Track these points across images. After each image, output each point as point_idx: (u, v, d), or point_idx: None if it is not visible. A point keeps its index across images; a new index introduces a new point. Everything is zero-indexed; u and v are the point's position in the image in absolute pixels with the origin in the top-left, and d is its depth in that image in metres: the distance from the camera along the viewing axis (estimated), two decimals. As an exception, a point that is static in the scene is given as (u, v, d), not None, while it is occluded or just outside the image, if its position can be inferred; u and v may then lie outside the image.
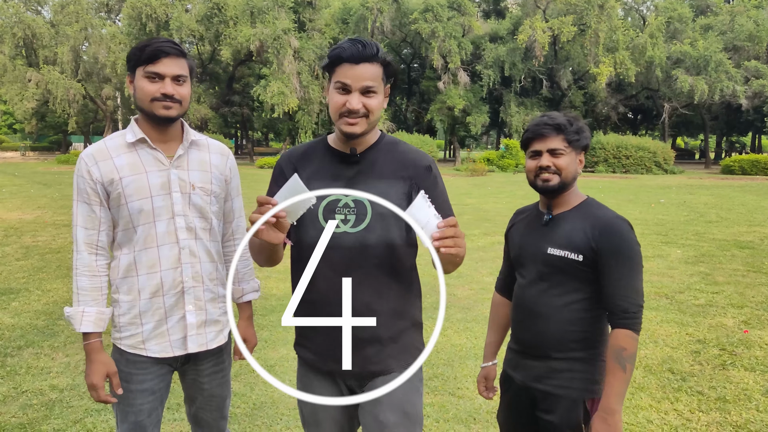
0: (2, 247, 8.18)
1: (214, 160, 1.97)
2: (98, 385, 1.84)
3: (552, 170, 1.82)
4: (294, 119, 36.88)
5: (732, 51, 36.18)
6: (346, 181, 1.71)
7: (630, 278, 1.73)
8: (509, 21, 37.90)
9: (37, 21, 36.83)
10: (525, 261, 1.93)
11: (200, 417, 2.08)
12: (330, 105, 1.67)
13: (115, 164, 1.82)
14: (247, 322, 2.15)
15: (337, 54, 1.61)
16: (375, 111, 1.65)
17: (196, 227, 1.90)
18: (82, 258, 1.84)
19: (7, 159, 40.91)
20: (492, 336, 2.17)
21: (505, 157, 32.34)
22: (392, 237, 1.70)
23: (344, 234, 1.67)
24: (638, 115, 48.75)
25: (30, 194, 15.84)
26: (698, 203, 15.30)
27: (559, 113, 1.86)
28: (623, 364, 1.68)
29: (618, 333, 1.71)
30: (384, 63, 1.65)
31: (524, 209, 2.07)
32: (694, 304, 5.70)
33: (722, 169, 31.83)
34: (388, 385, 1.72)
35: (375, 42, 1.64)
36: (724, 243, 9.14)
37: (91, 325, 1.82)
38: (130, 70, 1.83)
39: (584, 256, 1.77)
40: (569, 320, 1.82)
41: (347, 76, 1.61)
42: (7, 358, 4.13)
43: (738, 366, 4.14)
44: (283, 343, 4.52)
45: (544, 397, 1.86)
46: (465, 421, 3.33)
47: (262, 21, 33.34)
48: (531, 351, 1.89)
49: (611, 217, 1.80)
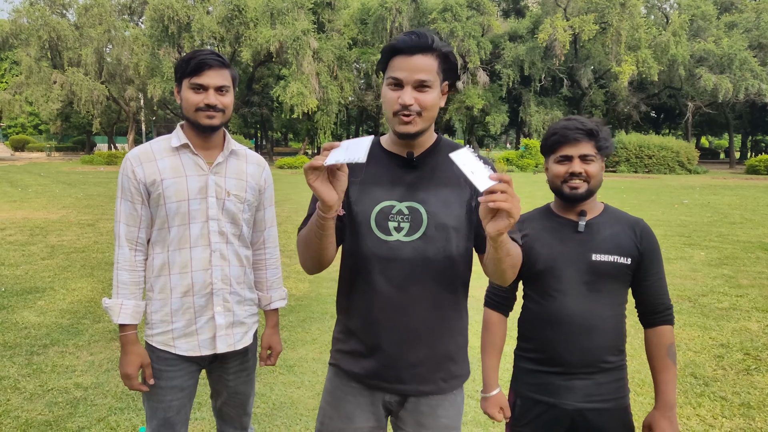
0: (28, 247, 8.36)
1: (250, 170, 2.06)
2: (132, 375, 1.93)
3: (583, 177, 1.75)
4: (313, 120, 37.05)
5: (757, 49, 35.49)
6: (406, 187, 1.60)
7: (664, 277, 1.81)
8: (529, 20, 37.63)
9: (62, 23, 37.49)
10: (561, 273, 1.77)
11: (224, 412, 2.17)
12: (384, 104, 1.56)
13: (158, 166, 1.92)
14: (272, 330, 2.20)
15: (391, 46, 1.52)
16: (430, 108, 1.52)
17: (227, 232, 1.98)
18: (123, 253, 1.92)
19: (33, 159, 41.76)
20: (492, 360, 1.94)
21: (524, 157, 32.11)
22: (451, 248, 1.59)
23: (399, 243, 1.57)
24: (661, 114, 48.08)
25: (55, 194, 16.15)
26: (722, 204, 15.04)
27: (586, 118, 1.81)
28: (674, 360, 1.76)
29: (664, 330, 1.78)
30: (441, 55, 1.53)
31: (527, 217, 1.91)
32: (718, 308, 5.61)
33: (747, 169, 31.24)
34: (437, 407, 1.64)
35: (432, 32, 1.52)
36: (749, 245, 8.97)
37: (129, 317, 1.91)
38: (177, 81, 1.93)
39: (632, 258, 1.76)
40: (615, 327, 1.77)
41: (401, 69, 1.50)
42: (33, 356, 4.22)
43: (763, 371, 4.07)
44: (302, 344, 4.55)
45: (596, 416, 1.75)
46: (484, 424, 3.32)
47: (282, 22, 33.56)
48: (580, 370, 1.75)
49: (639, 219, 1.83)
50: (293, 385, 3.81)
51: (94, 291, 6.03)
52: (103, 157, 35.05)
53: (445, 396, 1.66)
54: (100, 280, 6.46)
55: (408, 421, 1.66)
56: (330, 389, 1.74)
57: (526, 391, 1.85)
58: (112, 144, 49.73)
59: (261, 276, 2.17)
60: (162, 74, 35.55)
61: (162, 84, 35.47)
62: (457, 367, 1.67)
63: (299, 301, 5.75)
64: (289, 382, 3.86)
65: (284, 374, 3.98)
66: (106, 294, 5.89)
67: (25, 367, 4.04)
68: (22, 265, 7.19)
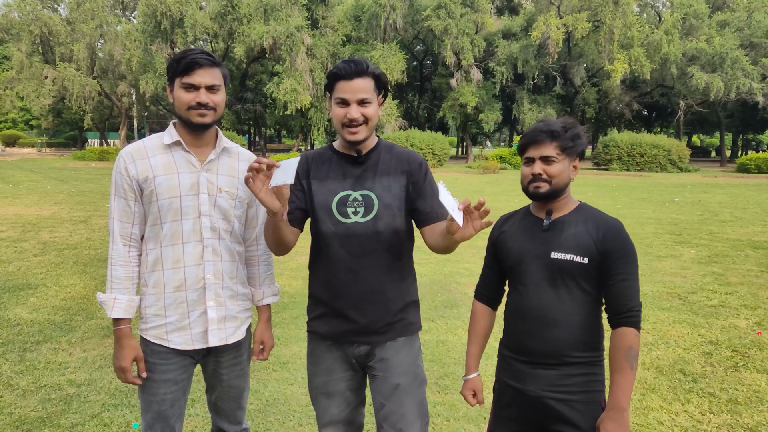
0: (20, 243, 8.32)
1: (242, 167, 2.09)
2: (127, 368, 1.96)
3: (543, 178, 1.81)
4: (306, 116, 36.99)
5: (749, 48, 35.70)
6: (355, 178, 1.98)
7: (633, 278, 1.76)
8: (523, 17, 37.70)
9: (54, 18, 37.21)
10: (527, 268, 1.87)
11: (219, 406, 2.19)
12: (333, 118, 1.94)
13: (150, 163, 1.95)
14: (265, 325, 2.23)
15: (334, 73, 1.89)
16: (372, 118, 1.92)
17: (219, 228, 2.01)
18: (117, 248, 1.96)
19: (24, 155, 41.46)
20: (475, 347, 2.08)
21: (517, 154, 32.14)
22: (395, 224, 1.98)
23: (356, 224, 1.94)
24: (653, 113, 48.31)
25: (47, 190, 16.06)
26: (713, 202, 15.16)
27: (556, 119, 1.85)
28: (631, 363, 1.70)
29: (625, 331, 1.73)
30: (374, 76, 1.91)
31: (511, 215, 2.03)
32: (707, 305, 5.67)
33: (738, 168, 31.46)
34: (399, 350, 2.01)
35: (365, 59, 1.91)
36: (738, 243, 9.07)
37: (122, 312, 1.94)
38: (169, 80, 1.96)
39: (589, 258, 1.77)
40: (580, 323, 1.81)
41: (345, 91, 1.87)
42: (26, 353, 4.22)
43: (750, 368, 4.13)
44: (295, 341, 4.57)
45: (562, 406, 1.82)
46: (475, 420, 3.35)
47: (276, 18, 33.44)
48: (543, 360, 1.84)
49: (610, 219, 1.82)
50: (286, 381, 3.83)
51: (86, 288, 6.02)
52: (95, 153, 34.85)
53: (404, 341, 2.03)
54: (93, 277, 6.45)
55: (377, 366, 2.01)
56: (310, 351, 2.11)
57: (502, 376, 1.98)
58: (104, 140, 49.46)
59: (253, 272, 2.19)
60: (154, 70, 35.35)
61: (154, 80, 35.28)
62: (409, 317, 2.05)
63: (292, 299, 5.77)
64: (283, 378, 3.88)
65: (278, 371, 4.00)
66: (99, 290, 5.88)
67: (18, 363, 4.04)
68: (14, 261, 7.16)
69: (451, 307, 5.52)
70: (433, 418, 3.36)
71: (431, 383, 3.82)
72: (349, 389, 2.05)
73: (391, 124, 33.28)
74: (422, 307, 5.43)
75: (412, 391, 2.01)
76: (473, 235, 1.65)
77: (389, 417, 1.98)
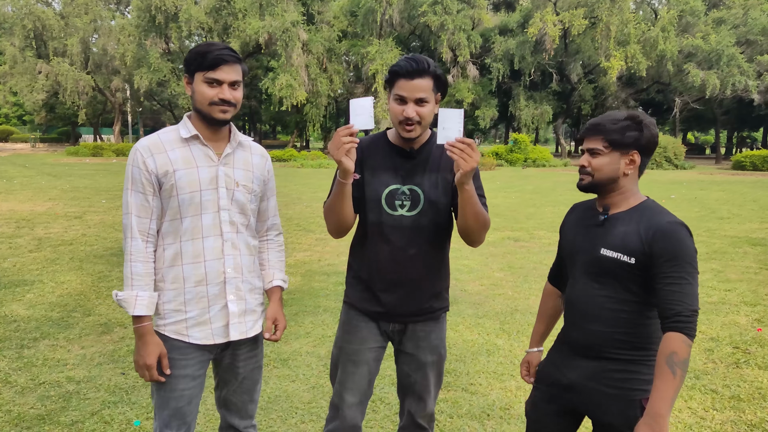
0: (15, 239, 8.25)
1: (255, 161, 2.10)
2: (152, 365, 1.93)
3: (586, 170, 1.84)
4: (302, 112, 36.89)
5: (745, 45, 35.83)
6: (406, 172, 2.08)
7: (684, 282, 1.68)
8: (519, 14, 37.68)
9: (47, 13, 36.94)
10: (576, 259, 1.91)
11: (230, 400, 2.18)
12: (390, 113, 2.03)
13: (169, 157, 1.93)
14: (277, 304, 2.21)
15: (395, 71, 1.96)
16: (427, 117, 2.00)
17: (237, 222, 2.02)
18: (136, 244, 1.92)
19: (17, 150, 41.19)
20: (540, 326, 2.20)
21: (513, 151, 32.20)
22: (438, 219, 2.10)
23: (402, 216, 2.07)
24: (649, 110, 48.37)
25: (41, 186, 15.95)
26: (709, 199, 15.20)
27: (621, 112, 1.84)
28: (673, 369, 1.63)
29: (669, 336, 1.66)
30: (435, 76, 1.97)
31: (580, 204, 2.05)
32: (707, 302, 5.67)
33: (733, 165, 31.58)
34: (430, 332, 2.19)
35: (427, 58, 1.96)
36: (736, 240, 9.08)
37: (145, 308, 1.91)
38: (189, 73, 1.93)
39: (636, 259, 1.74)
40: (623, 321, 1.79)
41: (404, 89, 1.94)
42: (23, 350, 4.18)
43: (752, 364, 4.13)
44: (296, 337, 4.54)
45: (598, 397, 1.83)
46: (479, 417, 3.33)
47: (271, 13, 33.30)
48: (583, 351, 1.88)
49: (668, 221, 1.75)
50: (288, 378, 3.80)
51: (83, 284, 5.97)
52: (89, 148, 34.67)
53: (435, 322, 2.21)
54: (89, 273, 6.39)
55: (408, 344, 2.20)
56: (345, 320, 2.24)
57: (550, 356, 2.06)
58: (98, 135, 49.20)
59: (263, 258, 2.21)
60: (149, 65, 35.15)
61: (149, 75, 35.07)
62: (441, 301, 2.22)
63: (292, 295, 5.73)
64: (284, 375, 3.85)
65: (279, 368, 3.97)
66: (96, 287, 5.84)
67: (16, 360, 3.99)
68: (9, 257, 7.10)
69: (452, 304, 5.46)
70: (436, 414, 3.34)
71: (433, 380, 3.80)
72: (374, 359, 2.21)
73: (387, 120, 33.23)
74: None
75: (436, 367, 2.23)
76: (471, 166, 1.80)
77: (414, 386, 2.23)
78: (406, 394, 2.27)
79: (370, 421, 3.26)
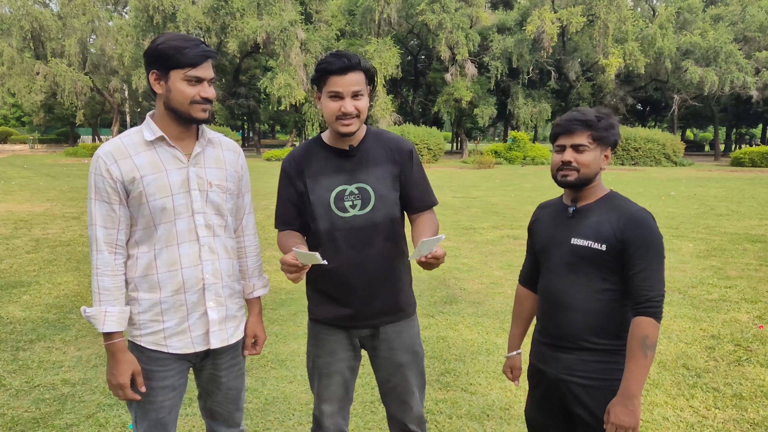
0: (12, 240, 8.21)
1: (227, 157, 2.00)
2: (125, 385, 1.83)
3: (572, 166, 1.84)
4: (300, 111, 36.82)
5: (742, 42, 35.79)
6: (349, 172, 2.03)
7: (655, 268, 1.76)
8: (517, 12, 37.59)
9: (45, 13, 36.84)
10: (550, 253, 1.94)
11: (216, 410, 2.09)
12: (325, 111, 1.96)
13: (135, 163, 1.81)
14: (256, 318, 2.14)
15: (325, 68, 1.92)
16: (364, 111, 1.97)
17: (214, 224, 1.92)
18: (103, 258, 1.81)
19: (15, 151, 41.12)
20: (516, 328, 2.22)
21: (512, 149, 32.16)
22: (392, 213, 2.06)
23: (354, 217, 2.01)
24: (647, 107, 48.40)
25: (39, 187, 15.90)
26: (708, 196, 15.18)
27: (591, 109, 1.87)
28: (644, 351, 1.72)
29: (641, 320, 1.74)
30: (365, 70, 1.96)
31: (548, 203, 2.08)
32: (707, 299, 5.64)
33: (732, 162, 31.56)
34: (401, 332, 2.13)
35: (353, 53, 1.95)
36: (736, 236, 9.05)
37: (115, 325, 1.80)
38: (162, 69, 1.79)
39: (608, 245, 1.80)
40: (596, 310, 1.83)
41: (338, 85, 1.91)
42: (19, 352, 4.14)
43: (754, 362, 4.10)
44: (294, 338, 4.51)
45: (579, 390, 1.86)
46: (478, 417, 3.30)
47: (269, 13, 33.23)
48: (561, 343, 1.90)
49: (636, 209, 1.82)
50: (285, 379, 3.77)
51: (80, 285, 5.93)
52: (87, 149, 34.62)
53: (405, 321, 2.15)
54: (87, 274, 6.36)
55: (381, 347, 2.13)
56: (313, 335, 2.18)
57: (531, 358, 2.08)
58: (97, 136, 49.14)
59: (242, 264, 2.11)
60: (147, 65, 35.07)
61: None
62: (407, 298, 2.16)
63: (290, 295, 5.70)
64: (282, 376, 3.81)
65: (276, 369, 3.93)
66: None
67: (11, 362, 3.95)
68: (6, 258, 7.06)
69: (451, 303, 5.46)
70: (435, 415, 3.31)
71: (432, 380, 3.77)
72: (348, 368, 2.17)
73: (385, 119, 33.19)
74: (422, 303, 5.38)
75: (414, 366, 2.17)
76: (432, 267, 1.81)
77: (395, 390, 2.17)
78: (388, 400, 2.21)
79: (368, 423, 3.23)
